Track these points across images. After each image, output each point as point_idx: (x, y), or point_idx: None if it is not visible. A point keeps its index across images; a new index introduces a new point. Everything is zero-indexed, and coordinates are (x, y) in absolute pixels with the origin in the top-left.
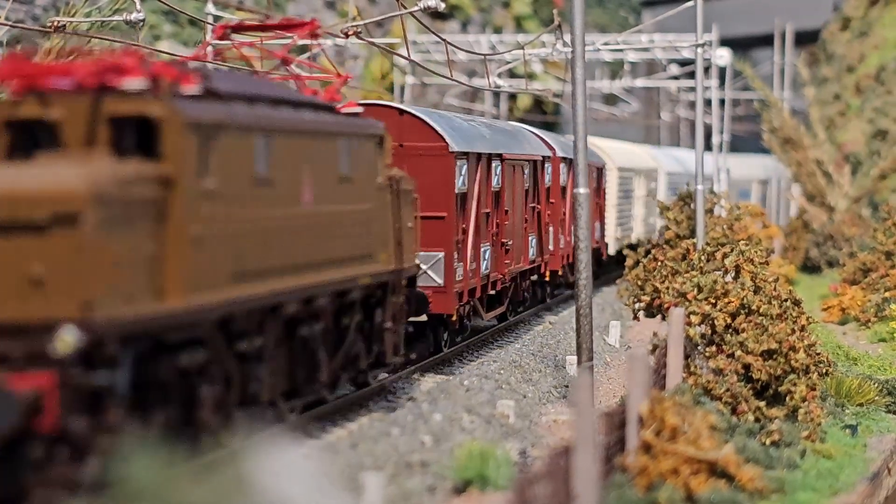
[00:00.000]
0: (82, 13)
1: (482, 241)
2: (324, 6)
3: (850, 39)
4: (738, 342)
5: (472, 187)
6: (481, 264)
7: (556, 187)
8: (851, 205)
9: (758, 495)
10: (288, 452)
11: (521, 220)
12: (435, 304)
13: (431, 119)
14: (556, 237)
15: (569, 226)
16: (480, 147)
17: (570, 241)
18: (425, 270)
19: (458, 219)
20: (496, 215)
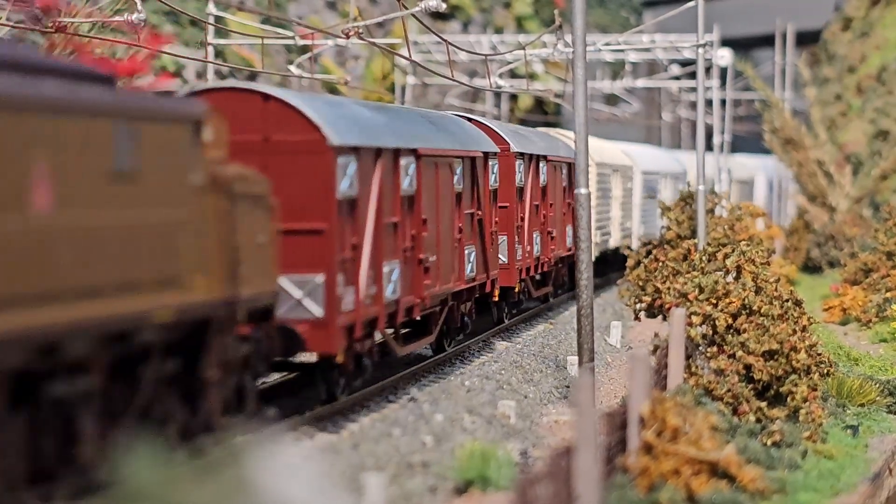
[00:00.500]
0: (83, 14)
1: (386, 258)
2: (325, 6)
3: (852, 40)
4: (740, 343)
5: (367, 191)
6: (385, 287)
7: (509, 189)
8: (853, 205)
9: (759, 496)
10: (289, 453)
11: (450, 231)
12: (312, 342)
13: (306, 106)
14: (510, 248)
15: (529, 233)
16: (382, 140)
17: (533, 251)
18: (297, 300)
19: (344, 232)
20: (409, 226)
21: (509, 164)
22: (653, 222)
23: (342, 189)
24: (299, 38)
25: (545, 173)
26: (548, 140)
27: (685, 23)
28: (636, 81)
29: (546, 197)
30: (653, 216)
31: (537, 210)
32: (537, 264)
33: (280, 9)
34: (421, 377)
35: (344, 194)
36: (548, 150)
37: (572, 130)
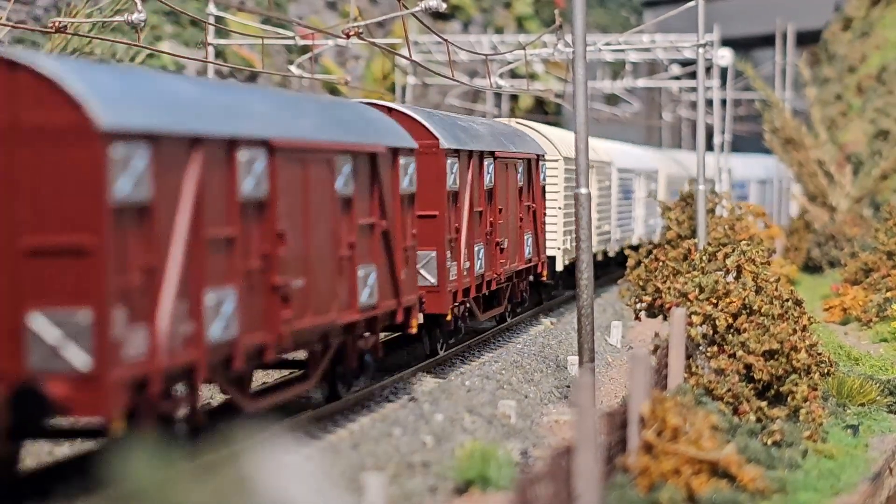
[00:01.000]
0: (83, 14)
1: (212, 284)
2: (325, 6)
3: (852, 40)
4: (740, 342)
5: (171, 196)
6: (211, 325)
7: (437, 193)
8: (853, 205)
9: (759, 495)
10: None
11: (331, 247)
12: None
13: (69, 74)
14: (440, 266)
15: (469, 247)
16: (199, 124)
17: (475, 268)
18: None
19: (128, 251)
20: (254, 242)
21: (436, 163)
22: (629, 225)
23: (121, 192)
24: (299, 38)
25: (492, 173)
26: (502, 132)
27: (685, 23)
28: (636, 81)
29: (494, 201)
30: (629, 218)
31: (481, 218)
32: (482, 283)
33: (280, 9)
34: (420, 377)
35: (124, 200)
36: (498, 144)
37: (572, 130)
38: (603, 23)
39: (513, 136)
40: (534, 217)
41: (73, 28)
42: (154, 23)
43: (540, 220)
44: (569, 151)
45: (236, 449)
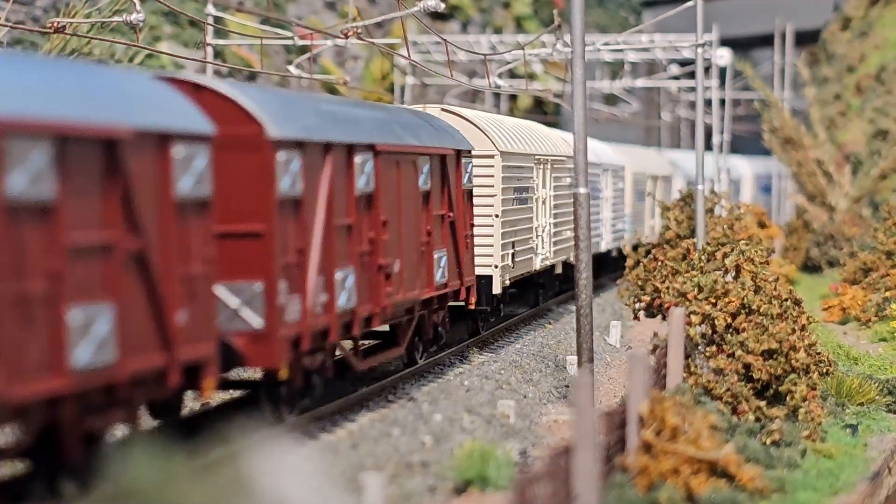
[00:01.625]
0: (82, 14)
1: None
2: (324, 7)
3: (851, 39)
4: (739, 342)
5: None
6: None
7: (261, 202)
8: (852, 205)
9: (758, 495)
10: (288, 453)
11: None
12: None
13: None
14: (269, 303)
15: (326, 273)
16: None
17: (338, 301)
18: None
19: None
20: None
21: (259, 160)
22: (595, 230)
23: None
24: (298, 38)
25: (371, 173)
26: (401, 121)
27: (684, 22)
28: (635, 81)
29: (375, 211)
30: (596, 222)
31: (350, 234)
32: (353, 320)
33: (279, 9)
34: (420, 377)
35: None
36: (384, 134)
37: (571, 131)
38: (602, 23)
39: (419, 126)
40: (452, 230)
41: (72, 28)
42: (153, 23)
43: (463, 232)
44: (510, 145)
45: (235, 448)
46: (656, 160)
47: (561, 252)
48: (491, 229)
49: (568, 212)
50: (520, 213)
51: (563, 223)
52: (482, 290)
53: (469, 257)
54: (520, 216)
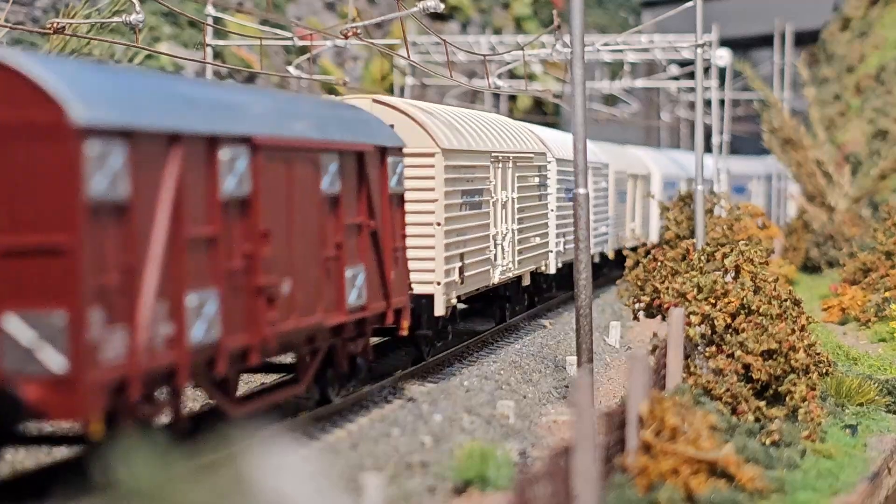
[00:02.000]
0: (82, 15)
1: None
2: (323, 7)
3: (850, 39)
4: (738, 342)
5: None
6: None
7: (55, 208)
8: (851, 205)
9: (758, 495)
10: (288, 453)
11: None
12: None
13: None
14: (73, 342)
15: (172, 296)
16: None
17: (196, 334)
18: None
19: None
20: None
21: (59, 152)
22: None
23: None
24: (298, 39)
25: (246, 172)
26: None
27: (684, 23)
28: (635, 82)
29: (251, 218)
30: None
31: (211, 247)
32: (218, 355)
33: (278, 10)
34: (422, 377)
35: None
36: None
37: (571, 131)
38: (601, 23)
39: (326, 118)
40: (374, 242)
41: (72, 29)
42: (152, 24)
43: (390, 245)
44: (457, 141)
45: (234, 449)
46: (635, 158)
47: (528, 261)
48: (433, 240)
49: (537, 215)
50: (471, 220)
51: (531, 228)
52: (423, 311)
53: (399, 274)
54: (471, 223)
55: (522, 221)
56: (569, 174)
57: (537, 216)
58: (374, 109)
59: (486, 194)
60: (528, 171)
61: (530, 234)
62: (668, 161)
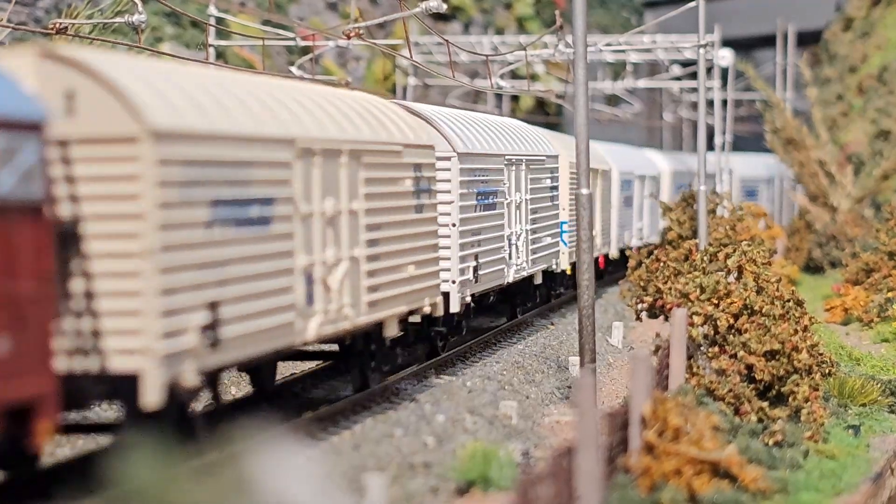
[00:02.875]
0: (84, 15)
1: None
2: (326, 8)
3: (853, 40)
4: (741, 343)
5: None
6: None
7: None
8: (854, 205)
9: (761, 496)
10: (290, 454)
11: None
12: None
13: None
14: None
15: None
16: None
17: None
18: None
19: None
20: None
21: None
22: (552, 244)
23: None
24: (300, 39)
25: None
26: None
27: (686, 23)
28: (637, 82)
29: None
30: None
31: None
32: None
33: (281, 10)
34: (422, 378)
35: None
36: None
37: (573, 132)
38: (604, 23)
39: None
40: None
41: (74, 29)
42: (155, 24)
43: None
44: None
45: (237, 450)
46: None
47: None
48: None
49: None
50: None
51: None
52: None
53: None
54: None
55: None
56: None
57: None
58: None
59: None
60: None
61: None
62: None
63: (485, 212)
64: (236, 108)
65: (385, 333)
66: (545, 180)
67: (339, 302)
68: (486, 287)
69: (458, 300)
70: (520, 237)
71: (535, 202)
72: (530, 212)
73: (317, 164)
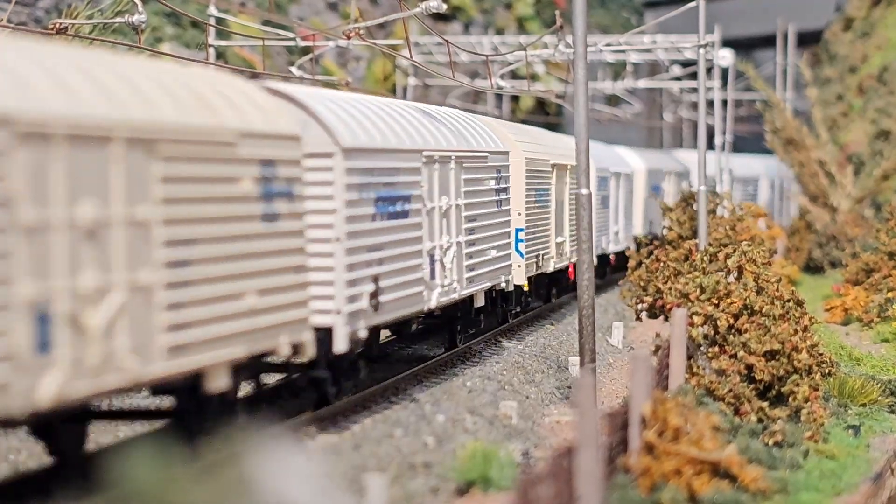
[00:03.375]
0: (84, 15)
1: None
2: (326, 8)
3: (853, 40)
4: (741, 343)
5: None
6: None
7: None
8: (854, 205)
9: (761, 496)
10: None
11: None
12: None
13: None
14: None
15: None
16: None
17: None
18: None
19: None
20: None
21: None
22: (503, 256)
23: None
24: (300, 39)
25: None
26: None
27: (686, 23)
28: (637, 82)
29: None
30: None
31: None
32: None
33: (281, 10)
34: (422, 379)
35: None
36: None
37: (573, 132)
38: (604, 23)
39: None
40: None
41: (74, 30)
42: (155, 24)
43: None
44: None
45: (237, 450)
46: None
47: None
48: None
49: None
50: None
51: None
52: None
53: None
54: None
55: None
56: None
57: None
58: None
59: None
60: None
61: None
62: None
63: (389, 222)
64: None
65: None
66: (488, 181)
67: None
68: (393, 316)
69: (344, 336)
70: (448, 251)
71: (473, 208)
72: (465, 220)
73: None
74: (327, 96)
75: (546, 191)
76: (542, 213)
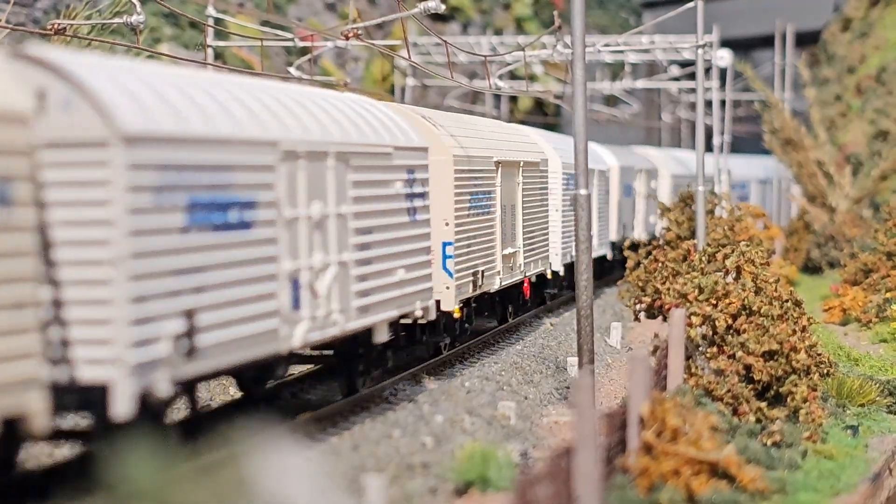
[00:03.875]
0: (83, 16)
1: None
2: (324, 8)
3: (851, 40)
4: (739, 343)
5: None
6: None
7: None
8: (852, 206)
9: (759, 496)
10: (289, 454)
11: None
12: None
13: None
14: None
15: None
16: None
17: None
18: None
19: None
20: None
21: None
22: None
23: None
24: (299, 39)
25: None
26: None
27: (684, 23)
28: (636, 82)
29: None
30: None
31: None
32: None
33: (279, 11)
34: (422, 378)
35: None
36: None
37: (571, 132)
38: (602, 24)
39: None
40: None
41: (73, 30)
42: (153, 25)
43: None
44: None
45: (236, 450)
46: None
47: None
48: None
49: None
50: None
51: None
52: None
53: None
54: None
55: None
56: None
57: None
58: None
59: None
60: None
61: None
62: None
63: (214, 236)
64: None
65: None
66: (395, 183)
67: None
68: (223, 362)
69: (128, 395)
70: (323, 273)
71: (368, 217)
72: (354, 232)
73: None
74: (125, 67)
75: (487, 194)
76: (481, 222)
